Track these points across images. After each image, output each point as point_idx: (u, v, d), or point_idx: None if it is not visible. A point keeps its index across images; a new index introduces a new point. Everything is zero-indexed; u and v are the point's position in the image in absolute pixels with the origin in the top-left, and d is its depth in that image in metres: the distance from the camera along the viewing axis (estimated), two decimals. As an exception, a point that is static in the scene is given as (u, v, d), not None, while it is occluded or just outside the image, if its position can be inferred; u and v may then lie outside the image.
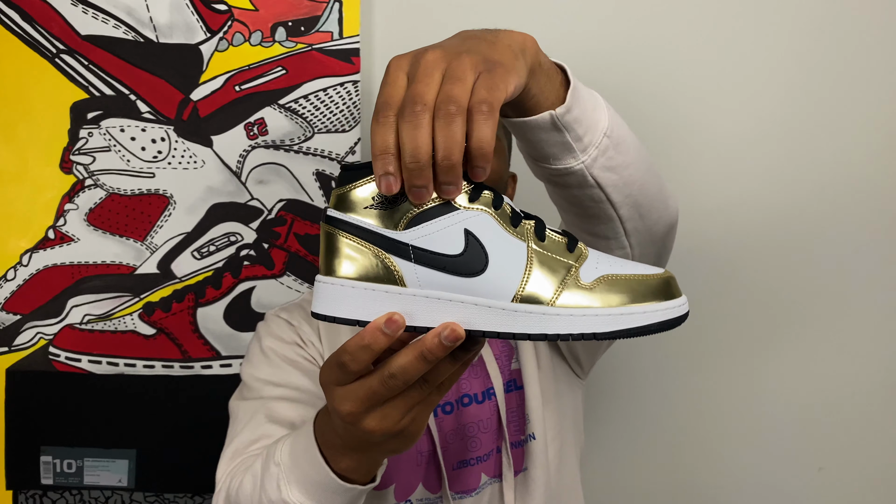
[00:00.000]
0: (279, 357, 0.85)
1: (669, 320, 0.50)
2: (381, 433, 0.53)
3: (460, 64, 0.48)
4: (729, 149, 1.18)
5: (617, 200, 0.66)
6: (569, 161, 0.62)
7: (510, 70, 0.50)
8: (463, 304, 0.49)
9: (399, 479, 0.85)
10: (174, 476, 1.20)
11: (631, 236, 0.70)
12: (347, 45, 1.13)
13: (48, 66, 1.14)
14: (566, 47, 1.17)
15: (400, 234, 0.50)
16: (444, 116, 0.46)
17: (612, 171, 0.64)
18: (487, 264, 0.50)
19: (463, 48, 0.50)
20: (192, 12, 1.13)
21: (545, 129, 0.60)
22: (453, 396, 0.87)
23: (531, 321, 0.49)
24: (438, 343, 0.48)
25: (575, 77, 0.61)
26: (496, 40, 0.52)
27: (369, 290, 0.50)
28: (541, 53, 0.57)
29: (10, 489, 1.20)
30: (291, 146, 1.16)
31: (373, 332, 0.49)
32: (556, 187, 0.67)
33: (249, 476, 0.66)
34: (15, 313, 1.18)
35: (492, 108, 0.47)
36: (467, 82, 0.47)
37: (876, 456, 1.23)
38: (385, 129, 0.47)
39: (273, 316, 0.91)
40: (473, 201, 0.50)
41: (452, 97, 0.46)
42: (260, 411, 0.79)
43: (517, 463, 0.88)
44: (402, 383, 0.50)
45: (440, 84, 0.47)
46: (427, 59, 0.48)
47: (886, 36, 1.16)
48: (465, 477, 0.86)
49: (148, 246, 1.17)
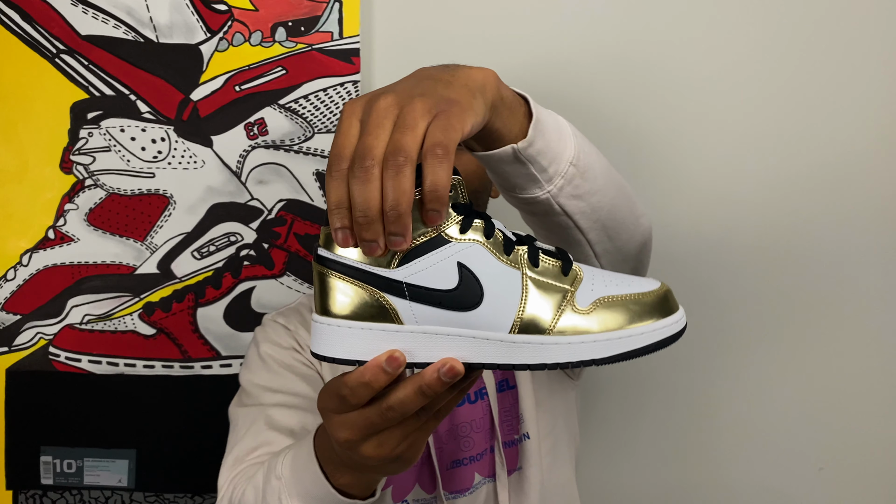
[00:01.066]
0: (277, 363, 0.85)
1: (667, 338, 0.50)
2: (378, 459, 0.53)
3: (412, 110, 0.47)
4: (729, 149, 1.18)
5: (585, 226, 0.66)
6: (534, 191, 0.62)
7: (466, 109, 0.49)
8: (461, 338, 0.49)
9: (395, 480, 0.85)
10: (174, 476, 1.20)
11: (601, 258, 0.70)
12: (347, 45, 1.14)
13: (48, 66, 1.14)
14: (566, 47, 1.17)
15: (392, 272, 0.49)
16: (393, 167, 0.45)
17: (578, 198, 0.64)
18: (483, 296, 0.49)
19: (416, 91, 0.49)
20: (192, 12, 1.13)
21: (508, 162, 0.60)
22: None
23: (530, 351, 0.49)
24: (437, 378, 0.48)
25: (539, 107, 0.60)
26: (452, 80, 0.52)
27: (366, 329, 0.50)
28: (503, 87, 0.56)
29: (10, 489, 1.20)
30: (291, 146, 1.16)
31: (374, 370, 0.49)
32: (526, 214, 0.67)
33: (251, 488, 0.67)
34: (15, 313, 1.18)
35: (447, 150, 0.46)
36: (418, 130, 0.46)
37: (876, 456, 1.23)
38: (337, 184, 0.46)
39: (270, 321, 0.91)
40: (465, 231, 0.50)
41: (401, 148, 0.45)
42: (259, 418, 0.79)
43: (510, 462, 0.88)
44: (399, 415, 0.50)
45: (391, 132, 0.46)
46: (379, 106, 0.47)
47: (886, 36, 1.16)
48: (458, 476, 0.86)
49: (148, 246, 1.17)
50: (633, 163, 1.18)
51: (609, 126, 1.18)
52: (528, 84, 1.18)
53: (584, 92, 1.18)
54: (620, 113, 1.18)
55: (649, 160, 1.18)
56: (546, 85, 1.18)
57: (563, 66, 1.18)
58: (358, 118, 0.48)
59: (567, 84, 1.18)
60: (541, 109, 0.60)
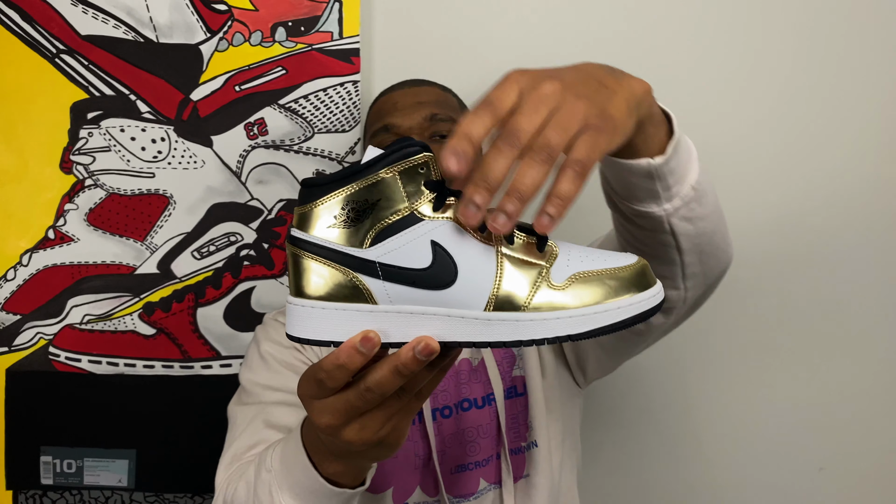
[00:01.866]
0: (277, 362, 0.85)
1: (643, 312, 0.49)
2: (361, 443, 0.53)
3: (572, 111, 0.48)
4: (729, 150, 1.18)
5: (685, 248, 0.66)
6: (651, 206, 0.63)
7: (618, 129, 0.51)
8: (436, 317, 0.49)
9: (397, 482, 0.85)
10: (174, 476, 1.20)
11: (688, 279, 0.71)
12: (347, 45, 1.13)
13: (48, 66, 1.14)
14: (565, 47, 1.17)
15: (365, 251, 0.49)
16: (536, 158, 0.46)
17: (689, 221, 0.65)
18: (457, 274, 0.49)
19: (581, 90, 0.50)
20: (192, 12, 1.13)
21: (638, 175, 0.60)
22: (453, 401, 0.87)
23: (505, 329, 0.49)
24: (412, 357, 0.48)
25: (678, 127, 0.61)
26: (618, 89, 0.53)
27: (340, 310, 0.49)
28: (654, 104, 0.58)
29: (10, 489, 1.20)
30: (291, 146, 1.16)
31: (348, 351, 0.48)
32: (627, 222, 0.67)
33: (243, 483, 0.66)
34: (15, 313, 1.18)
35: (585, 169, 0.47)
36: (570, 133, 0.47)
37: (876, 456, 1.23)
38: (478, 121, 0.47)
39: (271, 320, 0.91)
40: (438, 209, 0.49)
41: (549, 145, 0.47)
42: (258, 416, 0.79)
43: (517, 469, 0.87)
44: (378, 396, 0.50)
45: (544, 120, 0.47)
46: (544, 89, 0.49)
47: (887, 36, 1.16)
48: (463, 481, 0.86)
49: (148, 246, 1.17)
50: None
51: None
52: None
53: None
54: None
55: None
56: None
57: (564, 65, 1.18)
58: (519, 87, 0.49)
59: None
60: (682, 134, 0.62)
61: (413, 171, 0.49)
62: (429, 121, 0.89)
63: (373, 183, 0.49)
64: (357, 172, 0.49)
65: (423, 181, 0.50)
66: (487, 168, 0.46)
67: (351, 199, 0.49)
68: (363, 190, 0.49)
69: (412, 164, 0.49)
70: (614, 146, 0.50)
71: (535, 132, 0.47)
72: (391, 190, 0.49)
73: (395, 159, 0.49)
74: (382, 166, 0.49)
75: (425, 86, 0.96)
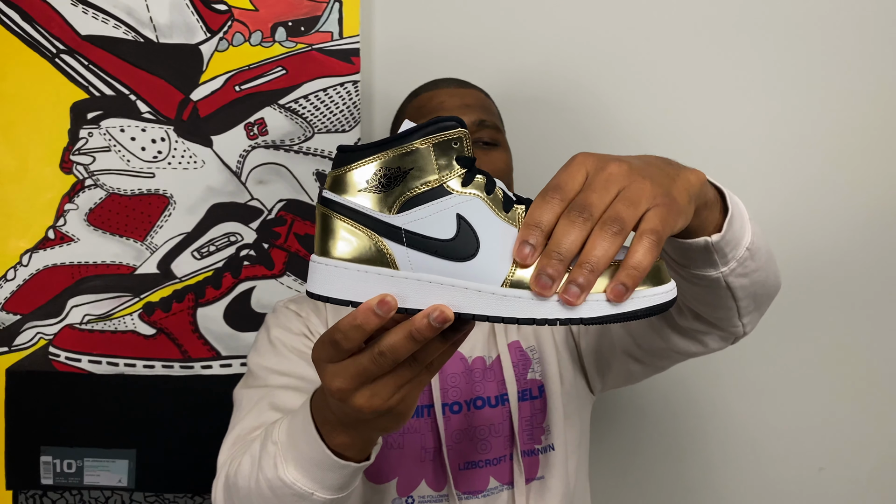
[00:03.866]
0: (286, 347, 0.86)
1: (657, 305, 0.50)
2: (371, 410, 0.53)
3: (641, 189, 0.50)
4: (730, 151, 1.18)
5: (740, 296, 0.69)
6: (708, 271, 0.65)
7: (681, 211, 0.53)
8: (454, 288, 0.50)
9: (402, 473, 0.85)
10: (174, 476, 1.20)
11: (744, 317, 0.73)
12: (347, 45, 1.14)
13: (48, 66, 1.14)
14: (565, 48, 1.17)
15: (393, 217, 0.50)
16: (608, 230, 0.48)
17: (744, 276, 0.67)
18: (479, 249, 0.50)
19: (647, 173, 0.52)
20: (192, 12, 1.13)
21: (696, 250, 0.63)
22: (464, 397, 0.87)
23: (520, 306, 0.49)
24: (427, 324, 0.49)
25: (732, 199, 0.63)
26: (676, 177, 0.55)
27: (362, 271, 0.51)
28: (708, 189, 0.60)
29: (10, 489, 1.20)
30: (291, 146, 1.16)
31: (365, 312, 0.49)
32: (682, 279, 0.69)
33: (248, 456, 0.67)
34: (15, 313, 1.18)
35: (659, 239, 0.49)
36: (639, 209, 0.49)
37: (876, 456, 1.23)
38: (547, 207, 0.49)
39: (283, 307, 0.92)
40: (466, 185, 0.51)
41: (621, 218, 0.48)
42: (264, 399, 0.80)
43: (529, 471, 0.88)
44: (391, 361, 0.51)
45: (613, 198, 0.49)
46: (611, 170, 0.50)
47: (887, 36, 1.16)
48: (472, 478, 0.86)
49: (148, 246, 1.17)
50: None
51: (608, 126, 1.18)
52: (528, 84, 1.18)
53: (583, 92, 1.18)
54: (620, 113, 1.18)
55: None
56: (545, 85, 1.18)
57: (562, 66, 1.18)
58: (586, 170, 0.51)
59: (566, 84, 1.18)
60: (734, 201, 0.63)
61: (446, 144, 0.51)
62: (476, 125, 0.90)
63: (406, 152, 0.50)
64: (392, 140, 0.51)
65: (455, 156, 0.51)
66: (560, 241, 0.48)
67: (384, 166, 0.51)
68: (396, 157, 0.51)
69: (446, 137, 0.51)
70: (678, 226, 0.53)
71: (605, 207, 0.49)
72: (424, 160, 0.50)
73: (431, 131, 0.51)
74: (417, 137, 0.51)
75: (469, 87, 0.96)
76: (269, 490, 0.63)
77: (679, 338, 0.80)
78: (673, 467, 1.25)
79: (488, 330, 0.91)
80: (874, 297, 1.20)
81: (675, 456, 1.24)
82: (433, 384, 0.86)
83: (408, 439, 0.85)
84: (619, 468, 1.25)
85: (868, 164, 1.18)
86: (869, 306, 1.20)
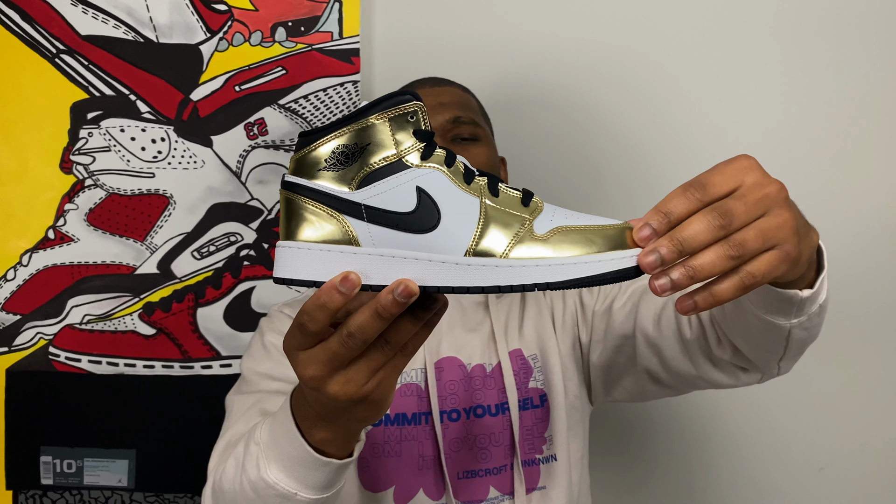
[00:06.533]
0: (279, 352, 0.85)
1: (625, 269, 0.49)
2: (346, 398, 0.53)
3: (783, 224, 0.49)
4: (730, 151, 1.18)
5: (793, 346, 0.69)
6: (779, 319, 0.64)
7: (797, 264, 0.53)
8: (417, 261, 0.50)
9: (399, 482, 0.84)
10: (174, 476, 1.20)
11: (784, 361, 0.73)
12: (347, 45, 1.14)
13: (48, 66, 1.14)
14: (565, 47, 1.17)
15: (352, 193, 0.51)
16: (725, 248, 0.47)
17: (806, 330, 0.67)
18: (440, 220, 0.50)
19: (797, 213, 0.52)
20: (192, 12, 1.13)
21: (781, 299, 0.62)
22: (463, 405, 0.86)
23: (483, 273, 0.49)
24: (392, 300, 0.48)
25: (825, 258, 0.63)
26: (810, 230, 0.56)
27: (325, 250, 0.51)
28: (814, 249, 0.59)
29: (10, 489, 1.20)
30: (291, 146, 1.16)
31: (328, 290, 0.49)
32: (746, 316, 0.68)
33: (232, 460, 0.66)
34: (15, 313, 1.18)
35: (753, 285, 0.49)
36: (767, 245, 0.49)
37: (876, 456, 1.23)
38: (684, 200, 0.49)
39: (276, 311, 0.92)
40: (426, 159, 0.51)
41: (745, 247, 0.48)
42: (256, 405, 0.79)
43: (530, 481, 0.87)
44: (360, 342, 0.50)
45: (754, 220, 0.49)
46: (770, 191, 0.50)
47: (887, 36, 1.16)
48: (471, 487, 0.85)
49: (148, 246, 1.17)
50: (632, 163, 1.18)
51: (608, 126, 1.18)
52: (528, 83, 1.18)
53: (583, 92, 1.18)
54: (620, 113, 1.18)
55: (649, 160, 1.18)
56: (545, 84, 1.18)
57: (562, 66, 1.18)
58: (742, 179, 0.50)
59: (566, 84, 1.18)
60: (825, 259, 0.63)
61: (402, 118, 0.51)
62: (452, 123, 0.89)
63: (362, 128, 0.51)
64: (348, 119, 0.51)
65: (412, 129, 0.51)
66: (689, 233, 0.47)
67: (340, 144, 0.51)
68: (353, 134, 0.51)
69: (401, 111, 0.51)
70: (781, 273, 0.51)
71: (744, 224, 0.48)
72: (380, 135, 0.51)
73: (386, 107, 0.51)
74: (372, 112, 0.51)
75: (446, 85, 0.95)
76: (253, 492, 0.62)
77: (712, 368, 0.80)
78: (671, 467, 1.24)
79: (488, 337, 0.90)
80: (874, 296, 1.20)
81: (674, 456, 1.24)
82: (431, 391, 0.85)
83: (405, 447, 0.84)
84: (617, 468, 1.25)
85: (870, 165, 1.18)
86: (869, 306, 1.20)
